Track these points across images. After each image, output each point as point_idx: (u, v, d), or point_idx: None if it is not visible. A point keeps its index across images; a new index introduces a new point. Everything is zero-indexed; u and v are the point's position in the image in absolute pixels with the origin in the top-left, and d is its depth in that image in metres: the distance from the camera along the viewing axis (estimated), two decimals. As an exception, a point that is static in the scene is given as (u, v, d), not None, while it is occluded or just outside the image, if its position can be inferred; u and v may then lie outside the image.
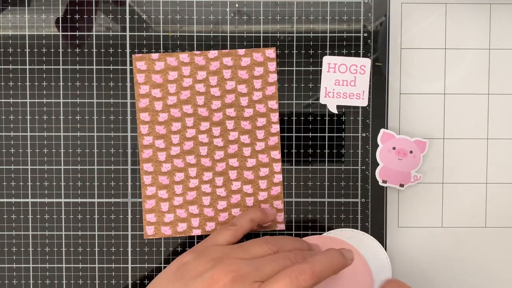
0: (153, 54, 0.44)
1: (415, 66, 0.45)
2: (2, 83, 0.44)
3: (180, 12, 0.44)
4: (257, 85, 0.44)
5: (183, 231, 0.44)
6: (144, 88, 0.44)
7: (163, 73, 0.44)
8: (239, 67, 0.44)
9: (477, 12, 0.45)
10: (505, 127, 0.45)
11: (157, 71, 0.44)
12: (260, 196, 0.44)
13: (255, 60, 0.44)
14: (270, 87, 0.44)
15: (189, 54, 0.44)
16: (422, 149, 0.44)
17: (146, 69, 0.44)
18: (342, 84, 0.44)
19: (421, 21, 0.45)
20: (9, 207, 0.44)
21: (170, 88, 0.44)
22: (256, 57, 0.44)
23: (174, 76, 0.44)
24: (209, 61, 0.44)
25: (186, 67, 0.44)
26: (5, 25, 0.44)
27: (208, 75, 0.44)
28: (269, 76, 0.44)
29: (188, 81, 0.44)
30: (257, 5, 0.44)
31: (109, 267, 0.44)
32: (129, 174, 0.44)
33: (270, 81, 0.44)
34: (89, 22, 0.44)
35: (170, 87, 0.44)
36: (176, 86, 0.44)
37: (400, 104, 0.45)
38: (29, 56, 0.44)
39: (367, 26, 0.44)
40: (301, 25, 0.44)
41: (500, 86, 0.45)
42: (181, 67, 0.44)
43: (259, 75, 0.44)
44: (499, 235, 0.46)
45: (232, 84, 0.44)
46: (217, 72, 0.44)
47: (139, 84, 0.44)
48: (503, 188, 0.45)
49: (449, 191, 0.45)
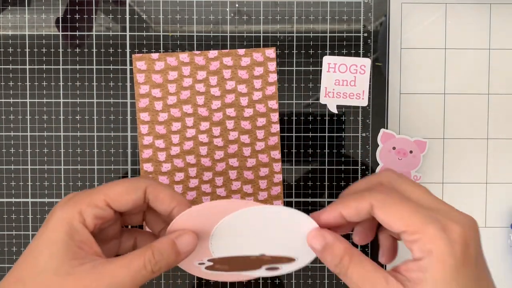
0: (153, 54, 0.44)
1: (415, 66, 0.45)
2: (2, 83, 0.44)
3: (180, 12, 0.44)
4: (257, 85, 0.44)
5: (183, 231, 0.44)
6: (144, 88, 0.44)
7: (163, 73, 0.44)
8: (239, 67, 0.44)
9: (477, 12, 0.45)
10: (505, 127, 0.45)
11: (157, 71, 0.44)
12: (260, 196, 0.44)
13: (255, 60, 0.44)
14: (270, 87, 0.44)
15: (189, 54, 0.44)
16: (422, 149, 0.44)
17: (146, 69, 0.44)
18: (342, 84, 0.44)
19: (421, 21, 0.45)
20: (9, 207, 0.44)
21: (170, 88, 0.44)
22: (256, 57, 0.44)
23: (174, 76, 0.44)
24: (209, 61, 0.44)
25: (186, 67, 0.44)
26: (5, 25, 0.44)
27: (208, 75, 0.44)
28: (269, 76, 0.44)
29: (188, 81, 0.44)
30: (257, 5, 0.44)
31: (109, 267, 0.44)
32: (129, 174, 0.44)
33: (270, 81, 0.44)
34: (89, 22, 0.44)
35: (170, 87, 0.44)
36: (176, 86, 0.44)
37: (400, 104, 0.45)
38: (29, 56, 0.44)
39: (367, 26, 0.44)
40: (301, 25, 0.44)
41: (500, 86, 0.45)
42: (181, 67, 0.44)
43: (259, 75, 0.44)
44: (499, 235, 0.46)
45: (232, 84, 0.44)
46: (217, 72, 0.44)
47: (139, 84, 0.44)
48: (503, 188, 0.45)
49: (449, 191, 0.45)
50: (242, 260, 0.35)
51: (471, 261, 0.29)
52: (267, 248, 0.35)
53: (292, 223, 0.33)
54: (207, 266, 0.35)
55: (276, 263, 0.35)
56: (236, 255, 0.35)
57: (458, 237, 0.29)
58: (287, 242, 0.34)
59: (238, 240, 0.34)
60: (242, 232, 0.34)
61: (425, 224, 0.29)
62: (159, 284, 0.44)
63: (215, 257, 0.35)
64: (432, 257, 0.29)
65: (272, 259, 0.35)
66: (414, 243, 0.30)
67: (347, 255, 0.31)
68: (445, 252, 0.29)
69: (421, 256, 0.29)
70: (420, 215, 0.30)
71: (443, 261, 0.29)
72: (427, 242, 0.29)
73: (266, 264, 0.35)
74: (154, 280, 0.44)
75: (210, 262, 0.35)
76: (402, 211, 0.30)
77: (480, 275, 0.30)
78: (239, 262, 0.35)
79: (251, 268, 0.35)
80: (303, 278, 0.44)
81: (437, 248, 0.29)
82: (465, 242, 0.29)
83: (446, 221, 0.30)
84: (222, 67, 0.44)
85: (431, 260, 0.29)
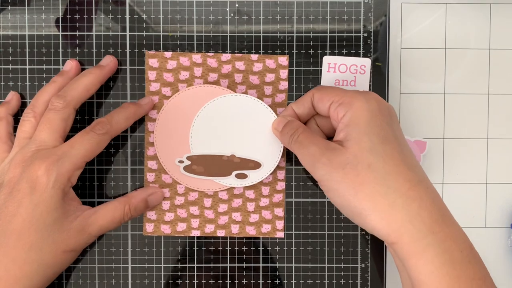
0: (166, 53, 0.44)
1: (415, 66, 0.45)
2: (2, 83, 0.44)
3: (180, 12, 0.44)
4: (268, 92, 0.44)
5: (183, 231, 0.44)
6: (155, 85, 0.44)
7: (175, 72, 0.44)
8: (251, 72, 0.44)
9: (477, 12, 0.45)
10: (505, 127, 0.45)
11: (169, 70, 0.44)
12: (262, 202, 0.44)
13: (267, 66, 0.44)
14: (280, 94, 0.44)
15: (202, 55, 0.44)
16: (422, 149, 0.44)
17: (158, 67, 0.44)
18: (342, 84, 0.44)
19: (421, 21, 0.45)
20: (9, 207, 0.44)
21: (180, 87, 0.44)
22: (269, 63, 0.44)
23: (185, 76, 0.44)
24: (221, 64, 0.44)
25: (198, 68, 0.44)
26: (5, 25, 0.44)
27: (219, 77, 0.44)
28: (280, 83, 0.44)
29: (199, 82, 0.44)
30: (257, 5, 0.44)
31: (109, 267, 0.44)
32: (129, 174, 0.44)
33: (281, 89, 0.44)
34: (89, 22, 0.44)
35: (180, 86, 0.44)
36: (187, 86, 0.44)
37: (400, 104, 0.45)
38: (29, 56, 0.44)
39: (367, 26, 0.44)
40: (301, 25, 0.44)
41: (500, 86, 0.45)
42: (193, 68, 0.44)
43: (270, 82, 0.44)
44: (499, 235, 0.46)
45: (243, 89, 0.44)
46: (228, 75, 0.44)
47: (150, 81, 0.44)
48: (503, 188, 0.45)
49: (449, 191, 0.45)
50: (215, 162, 0.43)
51: (386, 113, 0.36)
52: (237, 148, 0.43)
53: (257, 115, 0.43)
54: (185, 165, 0.43)
55: (245, 168, 0.43)
56: (211, 153, 0.43)
57: (374, 99, 0.36)
58: (253, 143, 0.43)
59: (212, 140, 0.43)
60: (216, 126, 0.43)
61: (348, 93, 0.37)
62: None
63: (193, 155, 0.43)
64: (352, 110, 0.36)
65: (241, 161, 0.43)
66: (340, 106, 0.37)
67: (301, 127, 0.39)
68: (363, 105, 0.36)
69: (344, 113, 0.36)
70: (346, 91, 0.38)
71: (363, 108, 0.36)
72: (348, 101, 0.36)
73: (236, 169, 0.43)
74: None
75: (188, 161, 0.43)
76: (333, 89, 0.38)
77: (396, 133, 0.36)
78: (213, 165, 0.43)
79: (222, 174, 0.43)
80: (303, 278, 0.44)
81: (357, 102, 0.36)
82: (380, 99, 0.37)
83: (367, 94, 0.37)
84: (234, 70, 0.44)
85: (351, 112, 0.36)
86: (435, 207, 0.34)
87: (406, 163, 0.35)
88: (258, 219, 0.44)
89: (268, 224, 0.44)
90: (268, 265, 0.45)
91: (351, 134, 0.35)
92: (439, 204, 0.34)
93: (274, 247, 0.45)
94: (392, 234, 0.33)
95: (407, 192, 0.34)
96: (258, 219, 0.44)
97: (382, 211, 0.33)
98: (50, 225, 0.37)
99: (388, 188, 0.34)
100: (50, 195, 0.37)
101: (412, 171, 0.35)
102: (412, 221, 0.33)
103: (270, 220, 0.44)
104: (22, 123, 0.41)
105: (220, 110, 0.43)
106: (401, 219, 0.33)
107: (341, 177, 0.35)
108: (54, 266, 0.38)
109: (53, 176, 0.37)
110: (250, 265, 0.45)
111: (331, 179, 0.35)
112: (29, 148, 0.38)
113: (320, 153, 0.36)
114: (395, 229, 0.33)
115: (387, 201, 0.33)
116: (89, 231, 0.39)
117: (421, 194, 0.34)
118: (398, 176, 0.34)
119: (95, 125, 0.39)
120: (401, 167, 0.34)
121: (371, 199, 0.34)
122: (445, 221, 0.34)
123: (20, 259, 0.36)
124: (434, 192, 0.35)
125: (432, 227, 0.33)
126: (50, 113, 0.39)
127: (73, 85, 0.41)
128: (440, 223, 0.33)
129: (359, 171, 0.34)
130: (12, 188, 0.37)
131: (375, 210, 0.34)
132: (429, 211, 0.33)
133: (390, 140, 0.35)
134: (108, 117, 0.40)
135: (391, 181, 0.34)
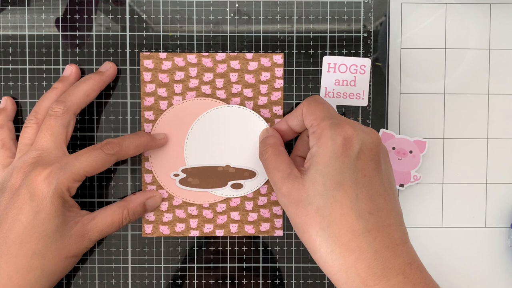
0: (161, 53, 0.44)
1: (415, 66, 0.45)
2: (2, 83, 0.44)
3: (180, 12, 0.44)
4: (263, 90, 0.44)
5: (181, 231, 0.44)
6: (150, 86, 0.44)
7: (170, 72, 0.44)
8: (246, 71, 0.44)
9: (477, 12, 0.45)
10: (505, 127, 0.45)
11: (164, 71, 0.44)
12: (260, 201, 0.44)
13: (262, 65, 0.44)
14: (276, 92, 0.44)
15: (197, 55, 0.44)
16: (422, 149, 0.44)
17: (153, 68, 0.44)
18: (342, 84, 0.44)
19: (421, 21, 0.45)
20: (9, 207, 0.44)
21: (176, 88, 0.44)
22: (264, 62, 0.44)
23: (181, 76, 0.44)
24: (216, 63, 0.44)
25: (193, 68, 0.44)
26: (5, 25, 0.44)
27: (214, 77, 0.44)
28: (276, 81, 0.44)
29: (194, 82, 0.44)
30: (257, 5, 0.44)
31: (109, 267, 0.44)
32: (129, 174, 0.44)
33: (276, 87, 0.44)
34: (89, 22, 0.44)
35: (176, 87, 0.44)
36: (182, 87, 0.44)
37: (400, 104, 0.45)
38: (29, 56, 0.44)
39: (367, 26, 0.44)
40: (301, 25, 0.44)
41: (500, 86, 0.45)
42: (188, 68, 0.44)
43: (265, 80, 0.44)
44: (499, 235, 0.46)
45: (238, 88, 0.44)
46: (224, 74, 0.44)
47: (145, 83, 0.44)
48: (503, 188, 0.45)
49: (449, 191, 0.45)
50: (211, 174, 0.43)
51: (352, 154, 0.35)
52: (231, 159, 0.43)
53: (250, 125, 0.43)
54: (181, 178, 0.43)
55: (240, 178, 0.43)
56: (206, 165, 0.43)
57: (345, 132, 0.35)
58: (247, 152, 0.43)
59: (207, 152, 0.43)
60: (210, 137, 0.43)
61: (325, 119, 0.36)
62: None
63: (188, 167, 0.43)
64: (317, 144, 0.35)
65: (236, 171, 0.43)
66: (312, 134, 0.36)
67: (272, 148, 0.39)
68: (327, 143, 0.35)
69: (313, 143, 0.36)
70: (327, 114, 0.37)
71: (326, 146, 0.35)
72: (318, 133, 0.36)
73: (231, 180, 0.43)
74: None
75: (183, 174, 0.43)
76: (316, 109, 0.37)
77: (357, 176, 0.34)
78: (209, 176, 0.43)
79: (218, 185, 0.43)
80: (303, 278, 0.44)
81: (323, 138, 0.35)
82: (350, 137, 0.35)
83: (345, 123, 0.36)
84: (229, 70, 0.44)
85: (318, 145, 0.35)
86: (376, 260, 0.33)
87: (358, 211, 0.34)
88: (256, 217, 0.44)
89: (267, 223, 0.44)
90: (268, 265, 0.45)
91: (311, 170, 0.35)
92: (385, 256, 0.33)
93: (274, 247, 0.45)
94: (330, 277, 0.34)
95: (347, 243, 0.33)
96: (256, 218, 0.44)
97: (323, 255, 0.34)
98: (53, 232, 0.37)
99: (329, 237, 0.34)
100: (50, 202, 0.37)
101: (361, 220, 0.34)
102: (347, 272, 0.33)
103: (269, 218, 0.44)
104: (25, 130, 0.41)
105: (214, 121, 0.43)
106: (338, 267, 0.33)
107: (294, 213, 0.35)
108: (57, 273, 0.38)
109: (53, 184, 0.37)
110: (250, 265, 0.45)
111: (287, 210, 0.36)
112: (31, 155, 0.38)
113: (281, 183, 0.36)
114: (331, 274, 0.34)
115: (327, 248, 0.34)
116: (88, 236, 0.39)
117: (362, 246, 0.33)
118: (342, 225, 0.34)
119: (105, 144, 0.39)
120: (349, 216, 0.34)
121: (314, 242, 0.34)
122: (387, 274, 0.33)
123: (22, 267, 0.36)
124: (384, 242, 0.33)
125: (366, 280, 0.33)
126: (51, 119, 0.39)
127: (73, 90, 0.41)
128: (378, 277, 0.33)
129: (308, 212, 0.35)
130: (12, 194, 0.37)
131: (317, 252, 0.34)
132: (366, 264, 0.33)
133: (345, 186, 0.34)
134: (120, 139, 0.40)
135: (333, 229, 0.34)
